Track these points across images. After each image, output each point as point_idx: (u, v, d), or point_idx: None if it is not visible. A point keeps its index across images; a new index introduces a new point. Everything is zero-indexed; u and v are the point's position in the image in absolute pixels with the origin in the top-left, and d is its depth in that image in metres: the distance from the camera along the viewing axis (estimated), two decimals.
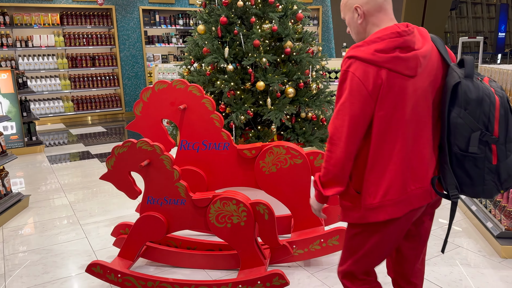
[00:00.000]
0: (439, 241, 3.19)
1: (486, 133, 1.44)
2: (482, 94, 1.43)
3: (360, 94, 1.42)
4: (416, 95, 1.47)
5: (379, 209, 1.50)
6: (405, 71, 1.43)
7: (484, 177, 1.48)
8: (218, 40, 3.47)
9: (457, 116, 1.45)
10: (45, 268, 2.98)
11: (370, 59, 1.41)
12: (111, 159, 2.55)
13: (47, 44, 8.55)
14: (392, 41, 1.43)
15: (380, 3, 1.51)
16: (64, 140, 7.31)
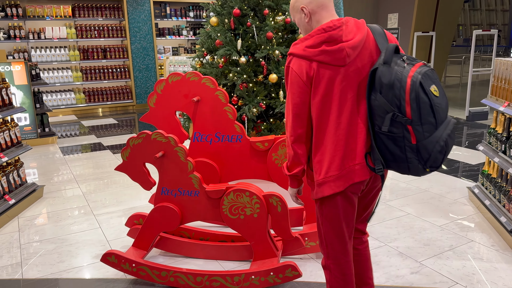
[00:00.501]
0: (451, 235, 3.18)
1: (398, 114, 1.57)
2: (393, 78, 1.56)
3: (298, 85, 1.66)
4: (348, 81, 1.65)
5: (324, 185, 1.70)
6: (334, 62, 1.63)
7: (406, 155, 1.62)
8: (231, 32, 3.47)
9: (374, 98, 1.61)
10: (60, 257, 3.03)
11: (302, 55, 1.64)
12: (126, 150, 2.58)
13: (59, 36, 8.61)
14: (318, 37, 1.63)
15: (321, 2, 1.71)
16: (76, 131, 7.38)
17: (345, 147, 1.68)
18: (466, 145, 5.85)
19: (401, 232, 3.26)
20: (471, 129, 6.83)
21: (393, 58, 1.62)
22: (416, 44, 9.03)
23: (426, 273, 2.69)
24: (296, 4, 1.75)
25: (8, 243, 3.27)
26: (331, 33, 1.63)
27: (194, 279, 2.52)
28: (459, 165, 4.95)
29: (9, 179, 3.85)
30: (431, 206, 3.75)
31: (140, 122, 8.14)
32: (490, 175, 3.59)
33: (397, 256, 2.90)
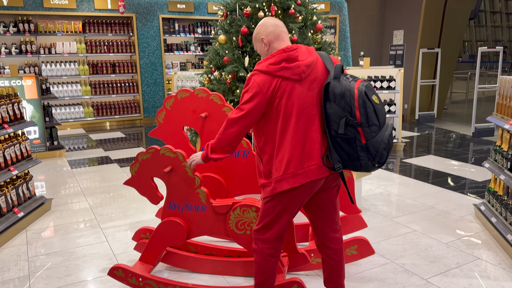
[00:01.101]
0: (458, 253, 3.17)
1: (350, 118, 1.92)
2: (344, 89, 1.93)
3: (257, 95, 1.97)
4: (304, 94, 2.00)
5: (283, 181, 2.01)
6: (292, 76, 1.98)
7: (358, 154, 1.96)
8: (239, 49, 3.53)
9: (330, 107, 1.96)
10: (67, 271, 3.05)
11: (266, 70, 1.99)
12: (135, 165, 2.62)
13: (69, 51, 8.77)
14: (279, 56, 2.00)
15: (277, 34, 2.09)
16: (84, 145, 7.45)
17: (303, 149, 2.00)
18: (473, 161, 5.84)
19: (407, 249, 3.25)
20: (477, 146, 6.82)
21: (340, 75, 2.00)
22: (421, 60, 9.08)
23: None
24: (257, 36, 2.12)
25: (16, 256, 3.30)
26: (289, 53, 2.00)
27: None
28: (465, 182, 4.94)
29: (18, 192, 3.90)
30: (437, 223, 3.74)
31: (147, 136, 8.21)
32: (496, 192, 3.58)
33: (403, 273, 2.89)
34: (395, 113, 6.47)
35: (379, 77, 6.45)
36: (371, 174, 5.23)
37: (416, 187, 4.77)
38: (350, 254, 2.76)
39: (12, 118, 3.94)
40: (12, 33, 8.26)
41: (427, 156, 6.20)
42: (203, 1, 10.07)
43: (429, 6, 9.00)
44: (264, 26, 2.11)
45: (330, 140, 1.99)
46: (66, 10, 8.73)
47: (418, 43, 9.21)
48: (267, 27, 2.10)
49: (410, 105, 9.56)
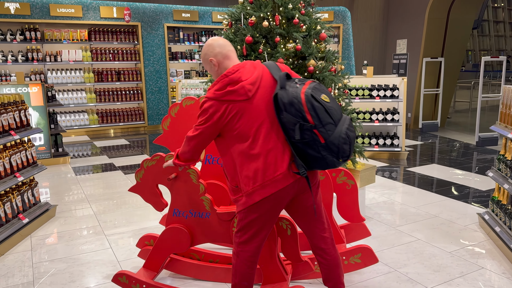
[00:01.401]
0: (462, 262, 3.16)
1: (303, 123, 1.98)
2: (291, 97, 2.00)
3: (208, 120, 2.07)
4: (256, 110, 2.07)
5: (253, 193, 2.08)
6: (239, 98, 2.05)
7: (321, 153, 2.02)
8: (243, 58, 3.57)
9: (283, 117, 2.03)
10: (71, 277, 3.06)
11: (213, 97, 2.07)
12: (140, 171, 2.64)
13: (75, 59, 8.85)
14: (223, 82, 2.07)
15: (225, 54, 2.16)
16: (88, 152, 7.49)
17: (266, 161, 2.07)
18: (476, 170, 5.83)
19: (411, 258, 3.25)
20: (481, 155, 6.81)
21: (286, 83, 2.08)
22: (425, 69, 9.11)
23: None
24: (206, 57, 2.18)
25: (21, 262, 3.31)
26: (231, 77, 2.06)
27: None
28: (469, 191, 4.93)
29: (23, 198, 3.93)
30: (441, 232, 3.74)
31: (151, 143, 8.25)
32: (500, 201, 3.58)
33: (406, 282, 2.88)
34: (398, 121, 6.48)
35: (383, 86, 6.47)
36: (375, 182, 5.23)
37: (420, 196, 4.77)
38: (354, 262, 2.76)
39: (18, 125, 3.98)
40: (18, 41, 8.36)
41: (430, 165, 6.20)
42: (207, 10, 10.16)
43: (433, 16, 9.05)
44: (211, 47, 2.16)
45: (292, 147, 2.07)
46: (72, 18, 8.83)
47: (421, 52, 9.24)
48: (214, 48, 2.15)
49: (414, 114, 9.57)
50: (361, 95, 6.52)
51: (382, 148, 6.62)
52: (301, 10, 3.57)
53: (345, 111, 3.76)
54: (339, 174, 2.88)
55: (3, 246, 3.45)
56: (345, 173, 2.87)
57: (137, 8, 9.38)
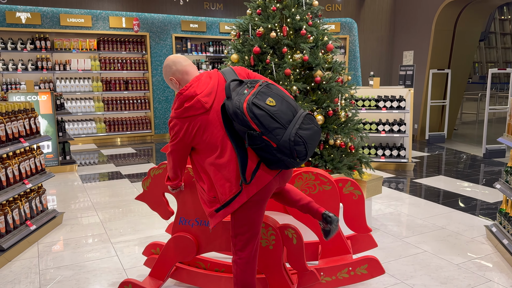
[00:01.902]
0: (469, 275, 3.13)
1: (250, 132, 2.00)
2: (234, 108, 2.01)
3: (176, 137, 2.12)
4: (217, 119, 2.09)
5: (232, 202, 2.11)
6: (197, 112, 2.08)
7: (277, 156, 2.03)
8: (251, 68, 3.60)
9: (235, 125, 2.06)
10: (78, 284, 3.07)
11: (175, 116, 2.11)
12: (147, 180, 2.66)
13: (83, 68, 8.96)
14: (179, 100, 2.10)
15: (182, 70, 2.22)
16: (96, 160, 7.54)
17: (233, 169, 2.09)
18: (484, 182, 5.79)
19: (418, 269, 3.22)
20: (488, 167, 6.77)
21: (235, 90, 2.09)
22: (431, 81, 9.11)
23: None
24: (166, 78, 2.26)
25: (28, 269, 3.33)
26: (185, 94, 2.09)
27: None
28: (476, 203, 4.90)
29: (31, 205, 3.96)
30: (448, 244, 3.71)
31: (158, 150, 8.29)
32: (508, 214, 3.55)
33: None
34: (405, 132, 6.47)
35: (389, 97, 6.48)
36: (382, 193, 5.22)
37: (427, 207, 4.74)
38: (360, 273, 2.75)
39: (28, 132, 4.03)
40: (29, 50, 8.48)
41: (437, 176, 6.17)
42: (215, 21, 10.27)
43: (439, 27, 9.08)
44: (167, 67, 2.23)
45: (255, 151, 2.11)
46: (82, 28, 8.96)
47: (428, 63, 9.26)
48: (170, 67, 2.22)
49: (420, 125, 9.55)
50: (368, 106, 6.53)
51: (388, 159, 6.60)
52: (308, 21, 3.61)
53: (351, 122, 3.77)
54: (345, 184, 2.89)
55: (10, 253, 3.47)
56: (352, 183, 2.88)
57: (145, 19, 9.50)
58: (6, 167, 3.59)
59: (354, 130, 3.73)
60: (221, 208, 2.15)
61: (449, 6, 8.83)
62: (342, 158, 3.67)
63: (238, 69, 2.26)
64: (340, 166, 3.60)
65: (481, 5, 8.94)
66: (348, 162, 3.66)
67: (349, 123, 3.76)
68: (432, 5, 9.16)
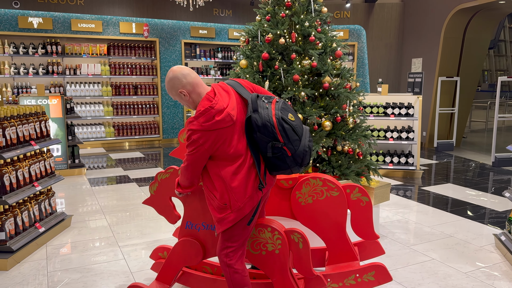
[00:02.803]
0: (477, 283, 3.10)
1: (275, 142, 2.22)
2: (264, 121, 2.20)
3: (199, 149, 2.16)
4: (240, 131, 2.25)
5: (244, 207, 2.26)
6: (225, 124, 2.17)
7: (288, 164, 2.27)
8: (259, 74, 3.63)
9: (256, 136, 2.23)
10: (85, 286, 3.09)
11: (203, 129, 2.14)
12: (154, 184, 2.68)
13: (93, 73, 9.06)
14: (209, 114, 2.14)
15: (192, 82, 2.23)
16: (104, 164, 7.60)
17: (252, 174, 2.26)
18: (493, 191, 5.74)
19: (425, 277, 3.20)
20: (498, 175, 6.71)
21: (257, 103, 2.25)
22: (440, 88, 9.07)
23: None
24: (174, 90, 2.24)
25: (36, 270, 3.36)
26: (216, 108, 2.15)
27: None
28: (485, 211, 4.86)
29: (40, 207, 4.00)
30: (456, 252, 3.68)
31: (166, 155, 8.33)
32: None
33: None
34: (413, 140, 6.45)
35: (398, 104, 6.46)
36: (389, 201, 5.19)
37: (435, 215, 4.71)
38: (367, 280, 2.74)
39: (38, 135, 4.08)
40: (40, 54, 8.60)
41: (446, 184, 6.12)
42: (224, 27, 10.34)
43: (448, 35, 9.06)
44: (176, 79, 2.22)
45: (264, 160, 2.31)
46: (93, 33, 9.07)
47: (436, 71, 9.23)
48: (180, 80, 2.22)
49: (429, 133, 9.50)
50: (376, 113, 6.51)
51: (396, 166, 6.57)
52: (317, 28, 3.63)
53: (359, 128, 3.77)
54: (353, 191, 2.88)
55: (19, 254, 3.50)
56: (360, 189, 2.87)
57: (155, 24, 9.60)
58: (17, 169, 3.64)
59: (362, 136, 3.72)
60: (232, 214, 2.26)
61: (459, 14, 8.81)
62: (350, 165, 3.67)
63: (243, 82, 2.36)
64: (347, 172, 3.59)
65: (491, 13, 8.91)
66: (356, 169, 3.65)
67: (357, 130, 3.76)
68: (442, 12, 9.15)
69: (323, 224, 2.85)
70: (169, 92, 2.28)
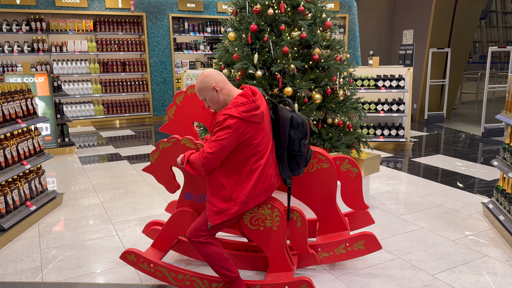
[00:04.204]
0: (465, 250, 3.17)
1: (306, 139, 2.53)
2: (302, 120, 2.52)
3: (230, 135, 2.29)
4: (264, 129, 2.43)
5: (248, 202, 2.40)
6: (258, 120, 2.37)
7: (299, 163, 2.55)
8: (248, 46, 3.57)
9: (294, 134, 2.50)
10: (79, 262, 3.11)
11: (238, 117, 2.29)
12: (155, 152, 2.68)
13: (80, 50, 8.88)
14: (250, 105, 2.34)
15: (224, 79, 2.43)
16: (94, 142, 7.55)
17: (264, 173, 2.41)
18: (482, 161, 5.82)
19: (414, 245, 3.26)
20: (487, 146, 6.79)
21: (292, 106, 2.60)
22: (431, 60, 9.05)
23: (438, 286, 2.69)
24: (207, 86, 2.39)
25: (29, 248, 3.37)
26: (257, 103, 2.38)
27: (209, 285, 2.57)
28: (474, 181, 4.93)
29: (31, 186, 3.98)
30: (445, 220, 3.75)
31: (157, 132, 8.30)
32: (504, 190, 3.58)
33: (410, 269, 2.91)
34: (404, 112, 6.46)
35: (388, 76, 6.45)
36: (380, 172, 5.24)
37: (424, 185, 4.77)
38: (357, 249, 2.79)
39: (25, 113, 4.02)
40: (24, 31, 8.39)
41: (435, 155, 6.19)
42: (212, 1, 10.13)
43: (439, 6, 8.97)
44: (210, 76, 2.40)
45: (287, 159, 2.53)
46: (78, 9, 8.85)
47: (427, 42, 9.18)
48: (214, 76, 2.40)
49: (419, 105, 9.53)
50: (367, 86, 6.50)
51: (387, 139, 6.61)
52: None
53: (350, 101, 3.76)
54: (343, 162, 2.89)
55: (11, 232, 3.50)
56: (349, 161, 2.88)
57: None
58: (4, 148, 3.60)
59: (352, 108, 3.72)
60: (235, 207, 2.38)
61: None
62: (340, 137, 3.68)
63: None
64: (338, 145, 3.60)
65: None
66: (346, 141, 3.66)
67: (348, 102, 3.74)
68: None
69: (313, 196, 2.88)
70: (199, 92, 2.41)
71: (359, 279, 2.79)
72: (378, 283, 2.74)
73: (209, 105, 2.47)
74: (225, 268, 2.45)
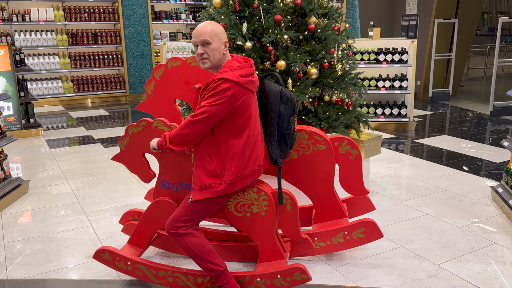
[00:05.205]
0: (472, 237, 3.22)
1: (292, 116, 2.56)
2: (290, 95, 2.57)
3: (224, 102, 2.26)
4: (255, 103, 2.45)
5: (236, 183, 2.39)
6: (253, 89, 2.39)
7: (288, 144, 2.60)
8: (236, 14, 3.51)
9: (283, 109, 2.53)
10: (48, 257, 3.08)
11: (235, 81, 2.27)
12: (124, 139, 2.63)
13: (45, 19, 8.66)
14: (247, 70, 2.36)
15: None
16: (64, 123, 7.44)
17: (253, 153, 2.41)
18: (490, 142, 5.88)
19: (418, 233, 3.30)
20: (496, 125, 6.86)
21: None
22: (437, 32, 9.04)
23: (444, 276, 2.74)
24: (222, 36, 2.36)
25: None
26: (251, 68, 2.40)
27: (194, 280, 2.57)
28: (481, 163, 4.99)
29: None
30: (451, 206, 3.79)
31: (134, 112, 8.20)
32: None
33: (413, 259, 2.94)
34: (406, 89, 6.48)
35: (390, 49, 6.43)
36: (381, 155, 5.26)
37: (428, 168, 4.82)
38: (357, 237, 2.80)
39: None
40: None
41: (440, 136, 6.24)
42: None
43: None
44: (224, 32, 2.40)
45: (276, 138, 2.54)
46: None
47: (433, 12, 9.15)
48: (224, 32, 2.42)
49: (423, 82, 9.55)
50: (367, 60, 6.48)
51: (388, 119, 6.63)
52: None
53: (348, 76, 3.74)
54: (342, 144, 2.89)
55: None
56: (348, 142, 2.88)
57: None
58: None
59: (351, 84, 3.70)
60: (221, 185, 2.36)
61: None
62: (339, 116, 3.66)
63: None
64: (336, 125, 3.59)
65: None
66: (344, 120, 3.65)
67: (346, 77, 3.72)
68: None
69: (309, 181, 2.87)
70: (214, 34, 2.32)
71: (359, 270, 2.81)
72: (379, 274, 2.77)
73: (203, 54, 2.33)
74: (210, 261, 2.44)
